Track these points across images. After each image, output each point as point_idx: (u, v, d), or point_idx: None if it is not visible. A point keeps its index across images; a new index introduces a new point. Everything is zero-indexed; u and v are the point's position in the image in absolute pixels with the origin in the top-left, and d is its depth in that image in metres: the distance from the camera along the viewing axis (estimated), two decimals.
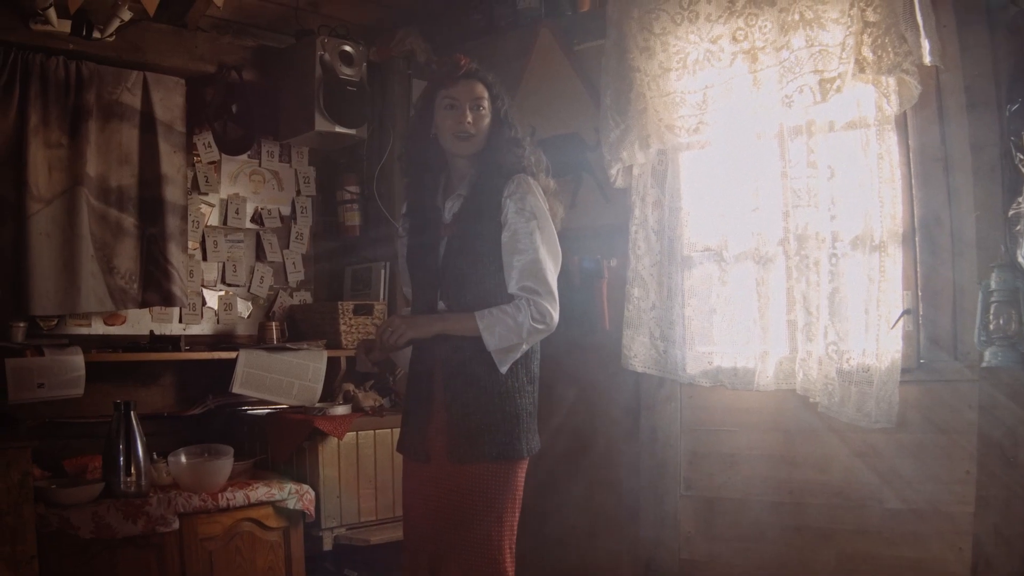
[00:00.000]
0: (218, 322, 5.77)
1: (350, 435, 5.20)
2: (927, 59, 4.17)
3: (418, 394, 3.82)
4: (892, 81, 4.25)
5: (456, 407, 3.66)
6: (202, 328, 5.69)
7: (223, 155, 5.75)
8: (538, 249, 3.65)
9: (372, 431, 5.26)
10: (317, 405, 5.37)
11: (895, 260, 4.30)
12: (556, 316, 3.67)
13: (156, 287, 5.29)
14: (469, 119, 3.71)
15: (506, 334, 3.61)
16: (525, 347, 3.68)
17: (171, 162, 5.35)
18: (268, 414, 5.45)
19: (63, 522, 4.25)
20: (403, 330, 3.64)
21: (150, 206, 5.30)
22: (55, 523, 4.23)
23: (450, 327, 3.66)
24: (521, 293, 3.63)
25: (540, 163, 3.87)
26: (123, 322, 5.37)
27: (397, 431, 4.03)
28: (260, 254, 5.98)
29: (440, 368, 3.72)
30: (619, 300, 5.07)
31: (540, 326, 3.63)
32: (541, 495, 5.36)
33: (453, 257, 3.74)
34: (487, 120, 3.77)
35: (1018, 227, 4.05)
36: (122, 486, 4.54)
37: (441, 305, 3.75)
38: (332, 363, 5.59)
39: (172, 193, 5.34)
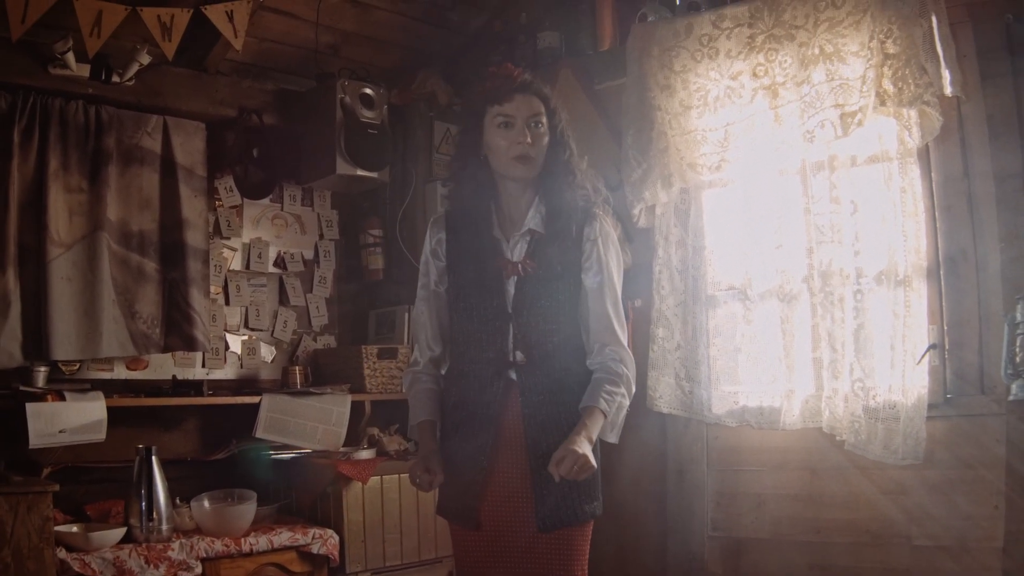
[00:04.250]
0: (241, 367, 5.76)
1: (374, 479, 5.17)
2: (948, 90, 4.14)
3: (471, 452, 3.34)
4: (913, 113, 4.24)
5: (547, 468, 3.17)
6: (225, 373, 5.69)
7: (245, 199, 5.79)
8: (621, 299, 3.43)
9: (397, 475, 5.21)
10: (341, 449, 5.36)
11: (920, 295, 4.26)
12: None
13: (178, 332, 5.31)
14: (528, 139, 3.31)
15: (623, 408, 3.35)
16: None
17: (192, 206, 5.38)
18: (292, 459, 5.42)
19: (84, 567, 4.23)
20: (589, 461, 3.10)
21: (171, 251, 5.32)
22: (76, 568, 4.22)
23: (596, 431, 3.22)
24: (617, 350, 3.35)
25: (601, 195, 3.53)
26: (145, 367, 5.36)
27: None
28: (283, 298, 5.99)
29: (515, 425, 3.32)
30: (643, 341, 5.04)
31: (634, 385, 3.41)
32: None
33: (530, 301, 3.34)
34: (546, 139, 3.37)
35: None
36: (144, 531, 4.53)
37: (519, 356, 3.32)
38: (356, 407, 5.55)
39: (193, 238, 5.37)
